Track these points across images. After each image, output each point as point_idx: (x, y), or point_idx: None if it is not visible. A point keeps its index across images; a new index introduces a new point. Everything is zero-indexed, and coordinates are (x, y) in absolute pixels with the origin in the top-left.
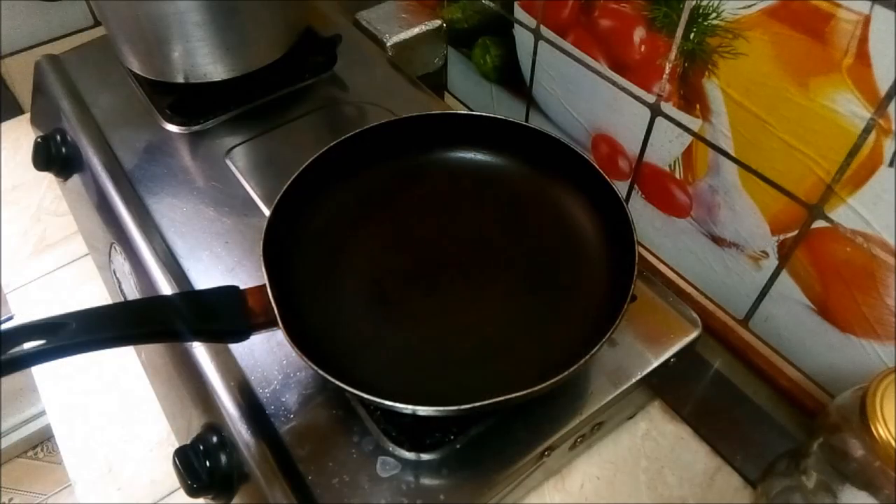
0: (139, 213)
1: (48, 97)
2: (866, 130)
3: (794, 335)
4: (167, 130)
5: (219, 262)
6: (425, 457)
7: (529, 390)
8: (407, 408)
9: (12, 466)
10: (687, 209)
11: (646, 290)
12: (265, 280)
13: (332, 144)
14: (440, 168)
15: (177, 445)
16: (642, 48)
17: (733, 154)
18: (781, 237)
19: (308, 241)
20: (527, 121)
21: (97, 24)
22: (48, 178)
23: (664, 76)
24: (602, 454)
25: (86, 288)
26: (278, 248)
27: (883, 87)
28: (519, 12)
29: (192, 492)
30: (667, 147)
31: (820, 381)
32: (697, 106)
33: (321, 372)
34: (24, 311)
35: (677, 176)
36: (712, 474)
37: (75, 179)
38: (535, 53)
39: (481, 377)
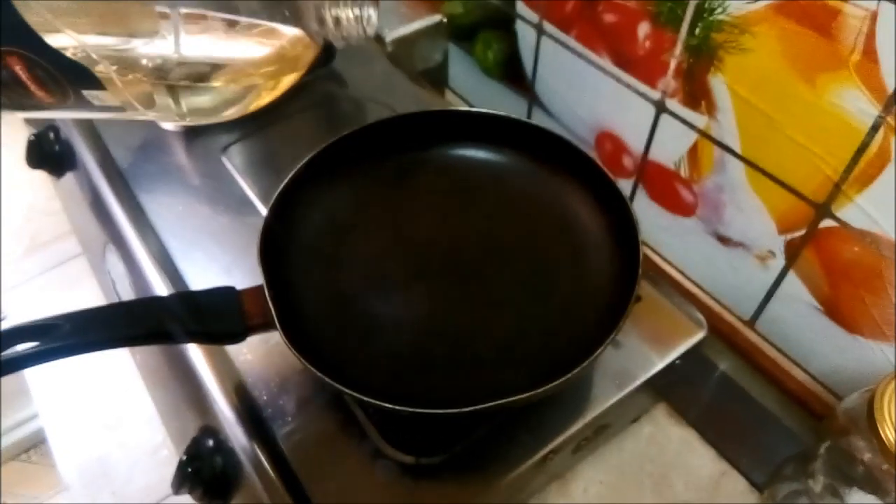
0: (134, 211)
1: None
2: (874, 128)
3: (801, 336)
4: (162, 128)
5: (215, 261)
6: (425, 460)
7: (532, 393)
8: (406, 410)
9: (6, 470)
10: (692, 208)
11: (651, 291)
12: (262, 281)
13: (330, 142)
14: (440, 166)
15: (172, 449)
16: (647, 44)
17: (740, 152)
18: (789, 237)
19: (306, 241)
20: (529, 117)
21: None
22: (41, 176)
23: (669, 72)
24: (606, 458)
25: (80, 288)
26: (275, 247)
27: (890, 83)
28: (521, 7)
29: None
30: (672, 145)
31: (827, 384)
32: (703, 103)
33: (319, 374)
34: (17, 312)
35: (683, 174)
36: (718, 478)
37: (69, 177)
38: (537, 49)
39: (483, 379)
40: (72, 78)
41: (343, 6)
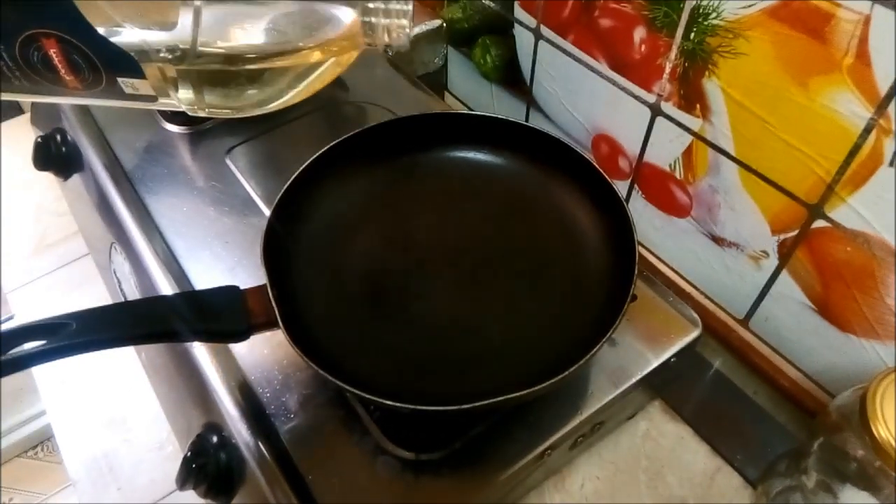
0: (139, 212)
1: None
2: (866, 130)
3: (794, 335)
4: (167, 130)
5: (219, 261)
6: (425, 457)
7: (529, 390)
8: (407, 407)
9: (12, 466)
10: (687, 209)
11: (646, 290)
12: (265, 280)
13: (332, 144)
14: (440, 167)
15: (176, 445)
16: (642, 48)
17: (734, 154)
18: (782, 237)
19: (308, 241)
20: (527, 120)
21: None
22: (48, 177)
23: (664, 76)
24: (602, 454)
25: (86, 288)
26: (278, 247)
27: (883, 86)
28: (519, 12)
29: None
30: (667, 147)
31: (820, 381)
32: (698, 106)
33: (322, 371)
34: (25, 311)
35: (677, 176)
36: (712, 474)
37: (75, 179)
38: (535, 53)
39: (481, 377)
40: (112, 65)
41: (396, 16)
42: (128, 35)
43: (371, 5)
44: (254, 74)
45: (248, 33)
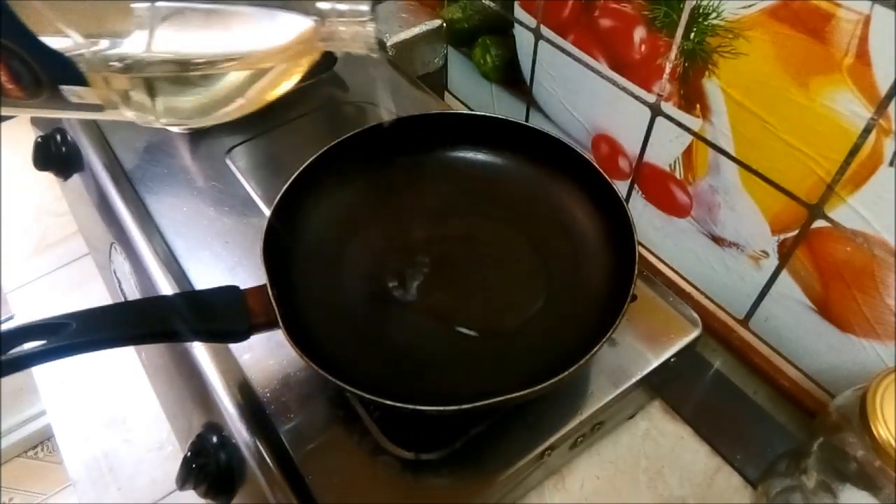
0: (139, 212)
1: None
2: (866, 130)
3: (794, 335)
4: (167, 130)
5: (219, 261)
6: (425, 457)
7: (529, 390)
8: (407, 407)
9: (12, 466)
10: (687, 209)
11: (646, 290)
12: (265, 280)
13: (332, 144)
14: (440, 168)
15: (176, 445)
16: (642, 48)
17: (734, 154)
18: (782, 237)
19: (308, 241)
20: (527, 120)
21: None
22: (48, 177)
23: (664, 76)
24: (602, 454)
25: (86, 288)
26: (278, 247)
27: (883, 86)
28: (519, 12)
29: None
30: (667, 147)
31: (820, 381)
32: (698, 106)
33: (321, 371)
34: (25, 311)
35: (677, 176)
36: (712, 474)
37: (75, 179)
38: (535, 53)
39: (482, 377)
40: (52, 72)
41: (357, 23)
42: (71, 42)
43: (324, 6)
44: (207, 82)
45: (199, 39)
